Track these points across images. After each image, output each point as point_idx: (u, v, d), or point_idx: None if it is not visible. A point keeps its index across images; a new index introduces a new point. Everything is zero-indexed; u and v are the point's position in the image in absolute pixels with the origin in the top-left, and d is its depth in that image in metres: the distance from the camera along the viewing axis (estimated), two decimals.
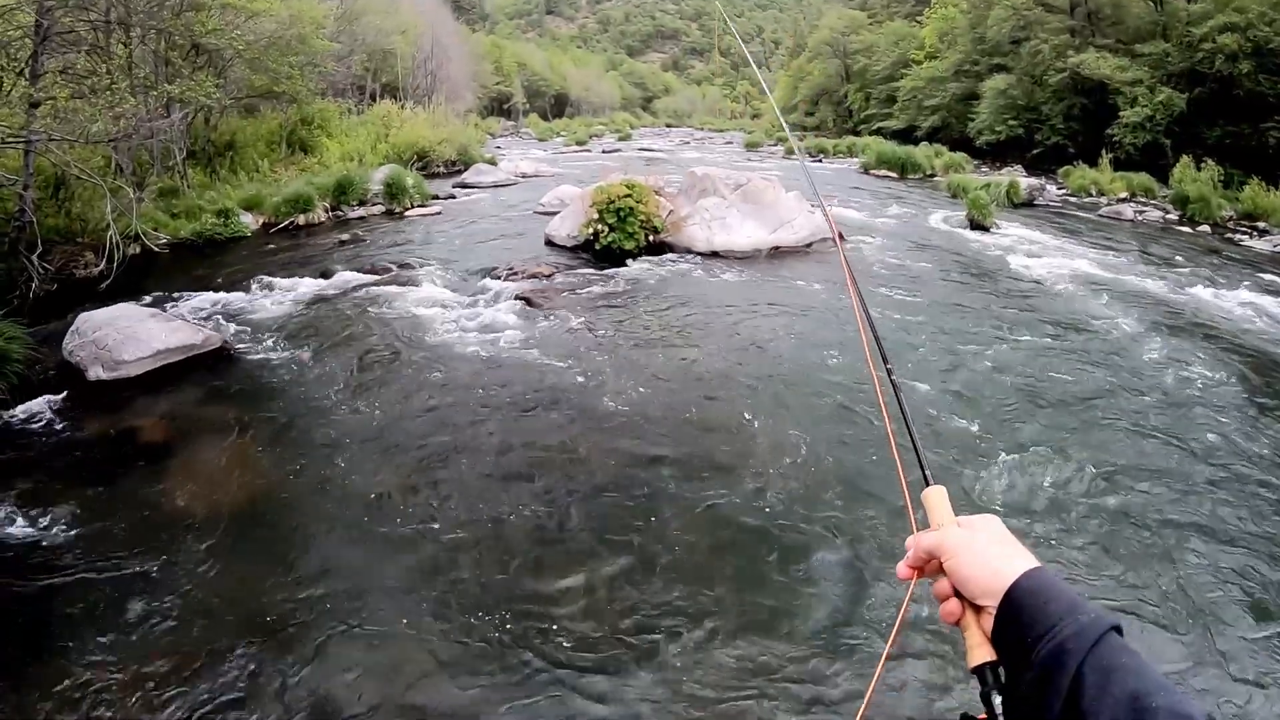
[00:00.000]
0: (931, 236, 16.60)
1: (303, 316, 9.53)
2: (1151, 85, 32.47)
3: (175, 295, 10.18)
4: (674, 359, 8.35)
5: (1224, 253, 17.42)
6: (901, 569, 1.17)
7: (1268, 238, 19.66)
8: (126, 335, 7.86)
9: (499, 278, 11.48)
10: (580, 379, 7.71)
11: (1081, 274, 13.44)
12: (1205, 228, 21.30)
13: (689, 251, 13.44)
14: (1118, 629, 0.87)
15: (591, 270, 12.14)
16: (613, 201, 13.12)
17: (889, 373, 1.53)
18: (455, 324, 9.27)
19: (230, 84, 18.54)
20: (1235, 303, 12.21)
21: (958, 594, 1.06)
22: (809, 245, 14.30)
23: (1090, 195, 27.37)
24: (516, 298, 10.34)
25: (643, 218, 13.25)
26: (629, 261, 12.71)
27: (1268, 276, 14.42)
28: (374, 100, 33.45)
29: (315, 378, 7.67)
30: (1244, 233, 20.63)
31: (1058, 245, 16.20)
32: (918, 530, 1.21)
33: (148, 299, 9.91)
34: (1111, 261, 14.75)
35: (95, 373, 7.54)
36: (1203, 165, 25.68)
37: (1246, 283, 13.53)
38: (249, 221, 14.86)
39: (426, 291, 10.64)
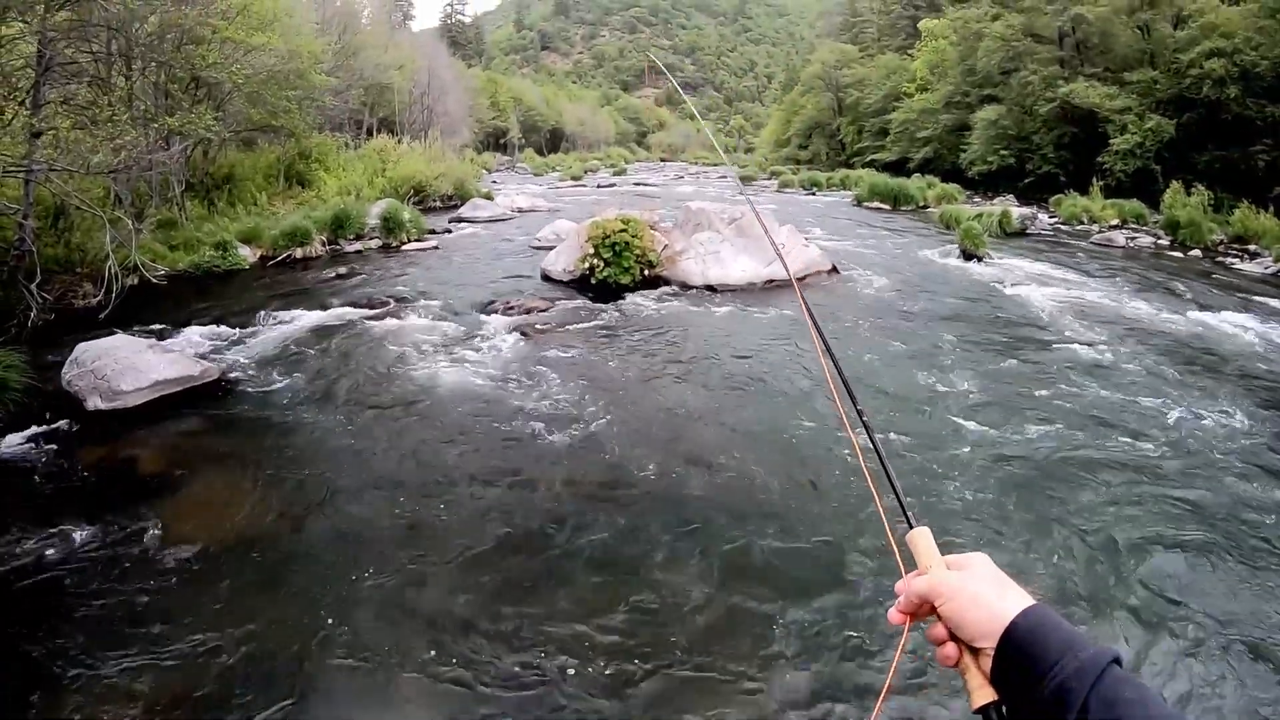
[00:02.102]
0: (925, 268, 16.71)
1: (300, 349, 9.57)
2: (1140, 112, 32.87)
3: (173, 327, 10.25)
4: (666, 394, 8.41)
5: (1215, 276, 17.57)
6: (893, 615, 1.17)
7: (1258, 260, 19.82)
8: (125, 366, 7.90)
9: (496, 311, 11.56)
10: (574, 413, 7.75)
11: (1074, 301, 13.56)
12: (1196, 252, 21.48)
13: (684, 285, 13.54)
14: (1118, 660, 0.89)
15: (587, 304, 12.23)
16: (608, 236, 13.22)
17: (859, 414, 1.57)
18: (452, 357, 9.31)
19: (229, 117, 18.72)
20: (1229, 325, 12.37)
21: (953, 637, 1.07)
22: (803, 278, 14.39)
23: (1082, 223, 27.56)
24: (513, 331, 10.41)
25: (638, 252, 13.36)
26: (625, 295, 12.79)
27: (1259, 299, 14.56)
28: (371, 134, 33.75)
29: (312, 411, 7.70)
30: (1235, 256, 20.82)
31: (1050, 274, 16.33)
32: (905, 573, 1.21)
33: (146, 330, 9.96)
34: (1104, 288, 14.89)
35: (94, 403, 7.58)
36: (1193, 190, 25.93)
37: (1239, 305, 13.72)
38: (247, 254, 14.95)
39: (423, 325, 10.70)
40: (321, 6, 32.68)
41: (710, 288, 13.45)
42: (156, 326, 10.21)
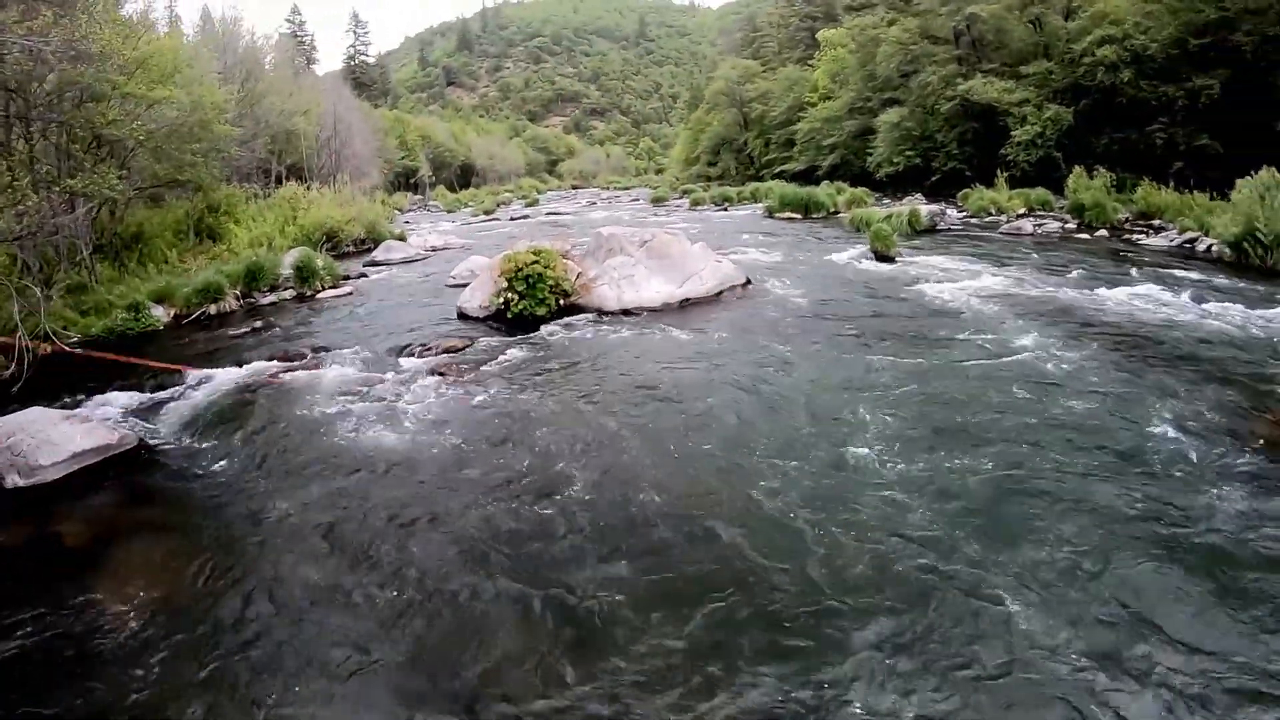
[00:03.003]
0: (838, 273, 17.12)
1: (219, 409, 9.51)
2: (1039, 103, 34.03)
3: (89, 395, 10.08)
4: (581, 421, 8.54)
5: (1122, 253, 18.42)
6: None
7: (1163, 234, 20.81)
8: (41, 440, 7.81)
9: (413, 354, 11.62)
10: (490, 451, 7.86)
11: (985, 290, 14.15)
12: (1103, 232, 22.45)
13: (600, 311, 13.74)
14: None
15: (505, 339, 12.33)
16: (521, 269, 13.36)
17: None
18: (370, 406, 9.32)
19: (134, 174, 18.47)
20: (1133, 297, 13.17)
21: None
22: (719, 294, 14.69)
23: (990, 214, 28.48)
24: (431, 373, 10.48)
25: (552, 282, 13.53)
26: (542, 327, 12.91)
27: (1163, 270, 15.41)
28: (280, 182, 33.36)
29: (233, 471, 7.69)
30: (1140, 232, 21.91)
31: (961, 267, 16.88)
32: None
33: (62, 400, 9.82)
34: (1013, 275, 15.52)
35: (12, 480, 7.49)
36: (1095, 173, 26.96)
37: (1144, 277, 14.68)
38: (160, 314, 14.79)
39: (341, 375, 10.67)
40: (223, 55, 32.35)
41: (626, 311, 13.67)
42: (72, 396, 10.04)
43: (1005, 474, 6.61)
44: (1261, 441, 7.14)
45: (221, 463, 7.89)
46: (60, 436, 7.91)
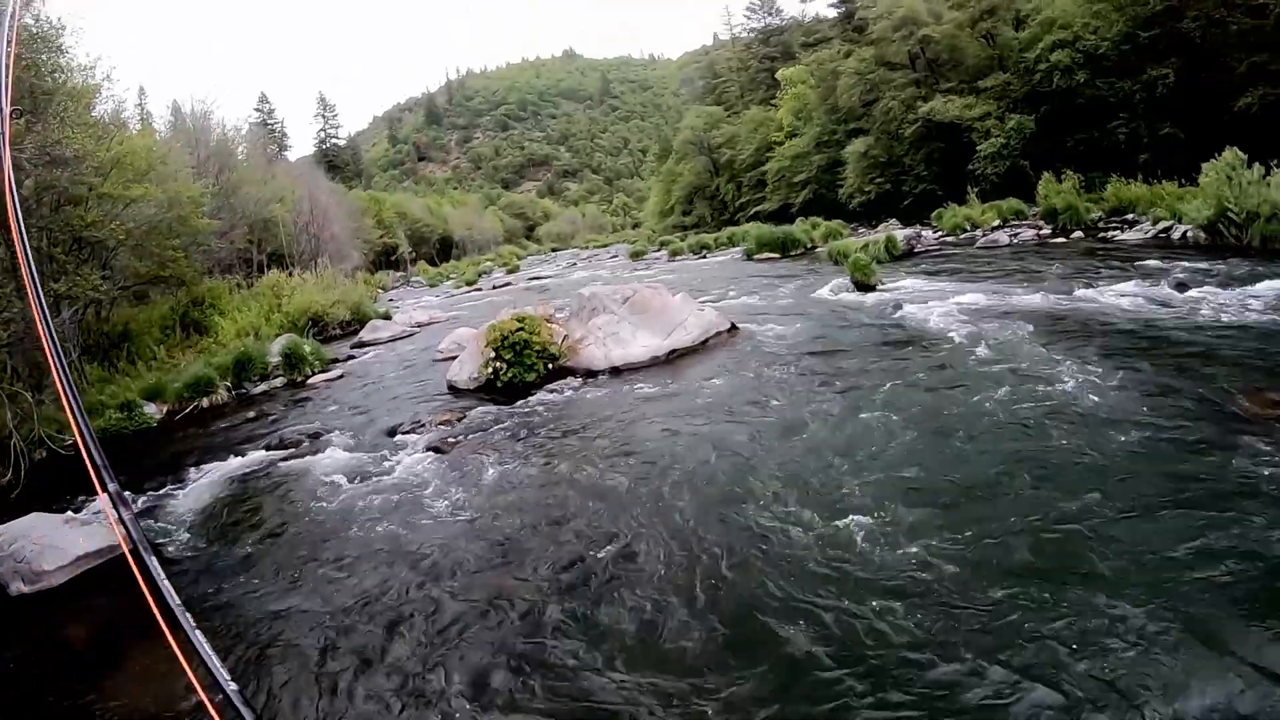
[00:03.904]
0: (820, 308, 17.24)
1: (217, 503, 9.57)
2: (1000, 115, 34.73)
3: (88, 497, 10.05)
4: (575, 486, 8.58)
5: (1099, 251, 18.82)
6: None
7: (1137, 227, 21.26)
8: (44, 545, 7.85)
9: (407, 432, 11.66)
10: (488, 522, 7.91)
11: (968, 307, 14.29)
12: (1078, 233, 22.95)
13: (589, 372, 13.81)
14: None
15: (496, 408, 12.35)
16: (506, 337, 13.48)
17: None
18: (369, 487, 9.36)
19: (116, 273, 18.62)
20: (1114, 293, 13.41)
21: None
22: (704, 342, 14.77)
23: (965, 231, 28.91)
24: (426, 449, 10.53)
25: (538, 348, 13.63)
26: (532, 392, 12.96)
27: (1142, 262, 15.80)
28: (261, 270, 33.65)
29: (235, 564, 7.70)
30: (1115, 228, 22.41)
31: (941, 287, 17.10)
32: None
33: (61, 504, 9.86)
34: (994, 288, 15.78)
35: (17, 587, 7.53)
36: (1064, 176, 27.45)
37: (1124, 272, 15.07)
38: (153, 411, 14.85)
39: (337, 458, 10.71)
40: (196, 148, 32.64)
41: (615, 370, 13.75)
42: (71, 499, 10.08)
43: (1029, 516, 6.58)
44: (1261, 417, 7.29)
45: (223, 557, 7.92)
46: (64, 541, 7.96)
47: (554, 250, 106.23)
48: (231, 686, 1.41)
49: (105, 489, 1.39)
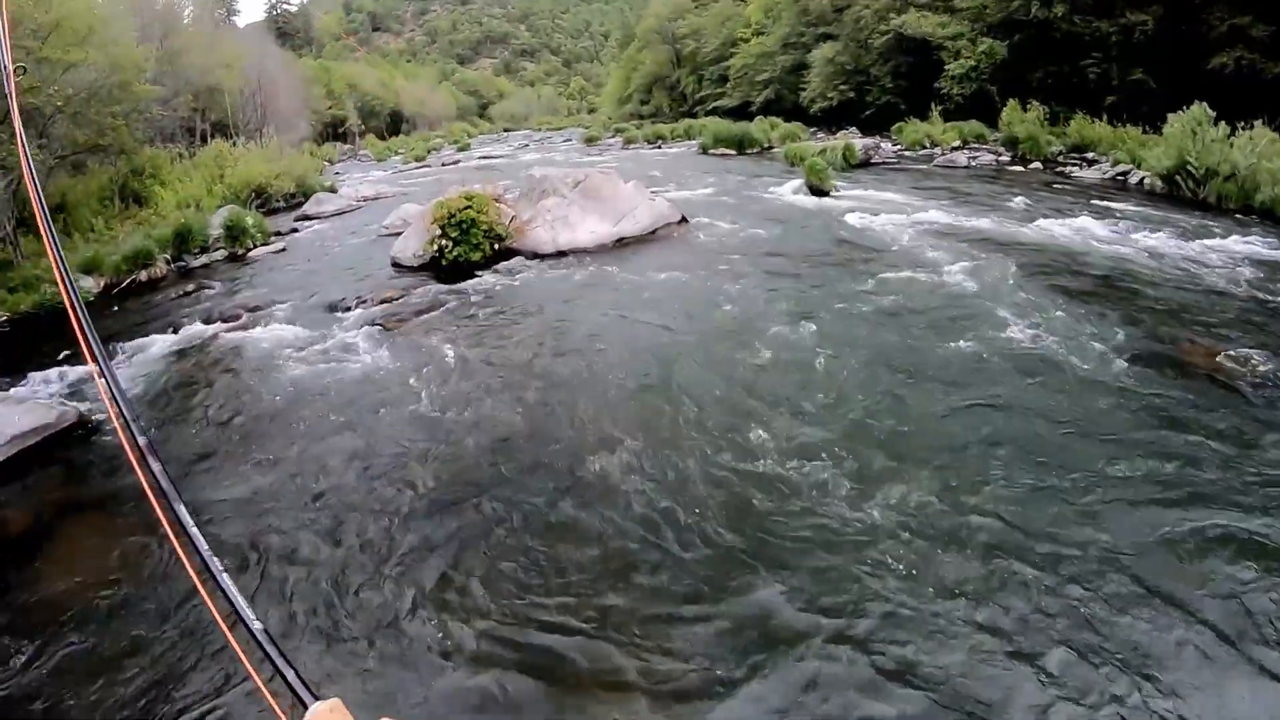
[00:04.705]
0: (772, 208, 17.26)
1: (157, 377, 9.46)
2: (973, 37, 34.17)
3: (24, 374, 9.84)
4: (517, 365, 8.67)
5: (1056, 185, 18.86)
6: None
7: (1096, 167, 21.28)
8: None
9: (350, 308, 11.56)
10: (432, 397, 7.97)
11: (920, 223, 14.48)
12: (1037, 164, 22.90)
13: (535, 254, 13.77)
14: None
15: (440, 286, 12.31)
16: (453, 215, 13.33)
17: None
18: (311, 361, 9.34)
19: (53, 142, 17.98)
20: (1068, 229, 13.51)
21: None
22: (653, 232, 14.77)
23: (925, 148, 28.79)
24: (369, 324, 10.48)
25: (485, 227, 13.51)
26: (477, 272, 12.92)
27: (1098, 202, 15.87)
28: (205, 141, 32.73)
29: (176, 439, 7.66)
30: (1074, 165, 22.41)
31: (895, 200, 17.15)
32: None
33: None
34: (948, 208, 15.87)
35: None
36: (1029, 106, 27.23)
37: (1079, 209, 15.04)
38: (90, 285, 14.46)
39: (279, 332, 10.61)
40: (140, 12, 31.41)
41: (562, 253, 13.73)
42: (6, 377, 9.85)
43: (954, 405, 6.86)
44: (1197, 369, 7.48)
45: (161, 431, 7.88)
46: None
47: (507, 130, 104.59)
48: (256, 625, 1.36)
49: (135, 443, 1.32)
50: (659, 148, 39.96)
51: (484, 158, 44.40)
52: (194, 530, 1.54)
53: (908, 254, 12.12)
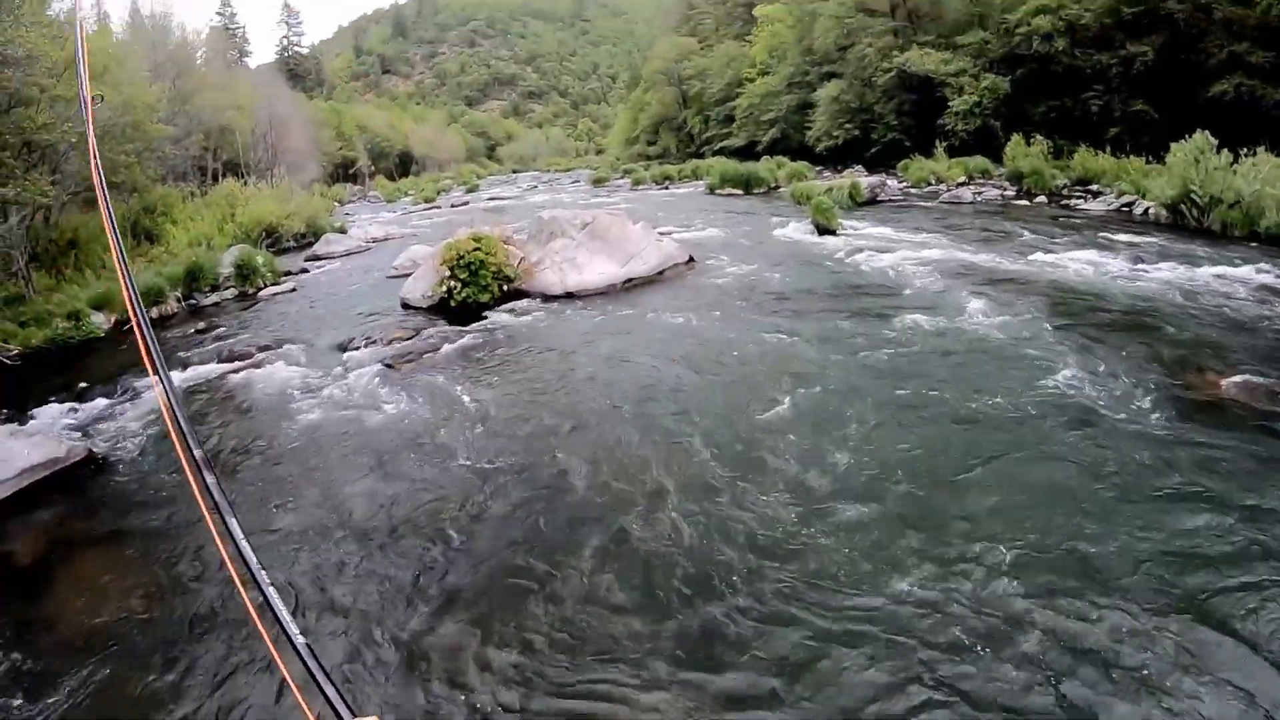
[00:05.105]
0: (780, 247, 17.33)
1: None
2: (975, 73, 34.41)
3: (35, 407, 9.94)
4: (520, 411, 8.62)
5: (1061, 218, 18.99)
6: None
7: (1101, 199, 21.42)
8: None
9: (358, 348, 11.60)
10: (444, 438, 7.97)
11: (927, 260, 14.47)
12: (1042, 198, 22.97)
13: (544, 295, 13.83)
14: None
15: (449, 327, 12.35)
16: (462, 256, 13.42)
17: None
18: (323, 399, 9.39)
19: (66, 179, 18.14)
20: (1075, 261, 13.56)
21: None
22: (661, 273, 14.82)
23: (930, 184, 28.87)
24: (378, 364, 10.51)
25: (494, 268, 13.60)
26: (486, 314, 12.99)
27: (1103, 233, 15.90)
28: (216, 179, 33.02)
29: (182, 478, 7.64)
30: (1079, 197, 22.53)
31: (902, 237, 17.24)
32: None
33: (6, 414, 9.74)
34: (954, 243, 15.93)
35: None
36: (1032, 140, 27.39)
37: (1085, 242, 15.14)
38: (101, 321, 14.57)
39: (288, 372, 10.65)
40: (153, 52, 31.81)
41: (570, 294, 13.77)
42: (16, 410, 9.91)
43: (979, 457, 6.76)
44: (1201, 398, 7.45)
45: (169, 470, 7.84)
46: (7, 453, 7.76)
47: (515, 171, 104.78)
48: (301, 640, 1.40)
49: (192, 455, 1.38)
50: (666, 188, 40.06)
51: (493, 199, 44.52)
52: (244, 543, 1.59)
53: (917, 294, 12.10)
